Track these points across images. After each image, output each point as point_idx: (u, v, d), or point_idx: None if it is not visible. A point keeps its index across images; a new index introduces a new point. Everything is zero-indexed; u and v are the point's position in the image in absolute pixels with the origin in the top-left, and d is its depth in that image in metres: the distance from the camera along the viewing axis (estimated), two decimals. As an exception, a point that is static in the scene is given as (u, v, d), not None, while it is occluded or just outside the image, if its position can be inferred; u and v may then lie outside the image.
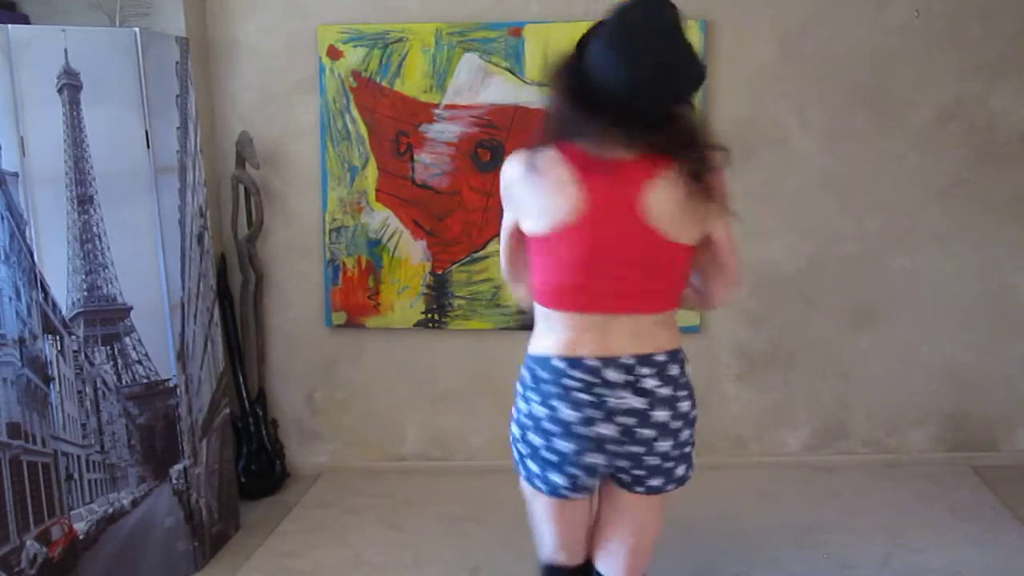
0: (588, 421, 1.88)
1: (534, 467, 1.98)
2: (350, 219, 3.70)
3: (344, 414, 3.90)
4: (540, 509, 2.06)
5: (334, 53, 3.59)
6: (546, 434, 1.92)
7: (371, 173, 3.66)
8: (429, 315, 3.75)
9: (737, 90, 3.56)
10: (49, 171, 2.66)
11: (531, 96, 3.52)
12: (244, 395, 3.71)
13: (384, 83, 3.59)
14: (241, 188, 3.64)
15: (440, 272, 3.72)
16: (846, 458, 3.81)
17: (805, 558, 3.04)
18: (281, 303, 3.82)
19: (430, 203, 3.65)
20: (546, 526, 2.07)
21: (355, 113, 3.62)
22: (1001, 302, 3.69)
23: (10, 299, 2.60)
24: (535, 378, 1.93)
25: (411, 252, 3.70)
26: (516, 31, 3.50)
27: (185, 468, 3.01)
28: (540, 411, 1.92)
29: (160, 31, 3.13)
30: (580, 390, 1.88)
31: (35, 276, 2.66)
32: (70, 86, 2.67)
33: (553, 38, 3.47)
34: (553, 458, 1.93)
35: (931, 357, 3.74)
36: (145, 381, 2.91)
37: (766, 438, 3.84)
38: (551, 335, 1.92)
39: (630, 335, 1.88)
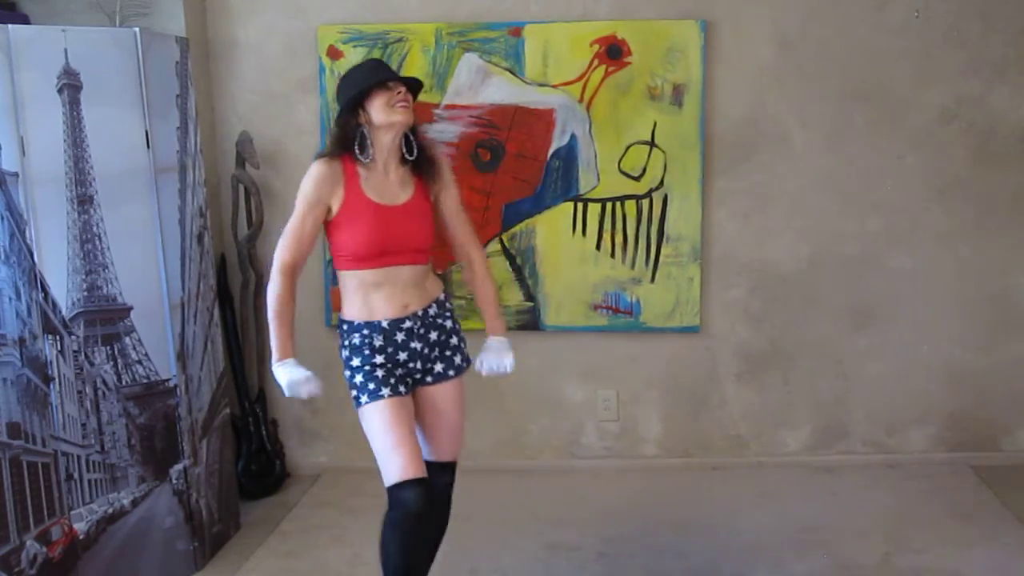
0: None
1: None
2: (350, 219, 3.69)
3: (344, 414, 3.87)
4: None
5: (334, 53, 3.59)
6: None
7: (371, 173, 3.65)
8: (429, 315, 3.73)
9: (737, 90, 3.56)
10: (49, 171, 2.66)
11: (531, 96, 3.52)
12: (244, 395, 3.71)
13: (384, 83, 3.59)
14: (241, 188, 3.64)
15: (440, 272, 3.70)
16: (846, 458, 3.81)
17: (805, 558, 3.04)
18: (281, 303, 3.81)
19: (430, 203, 3.64)
20: None
21: (355, 113, 3.62)
22: (1001, 302, 3.69)
23: (10, 299, 2.60)
24: None
25: (411, 252, 3.69)
26: (516, 31, 3.50)
27: (185, 468, 3.01)
28: None
29: (160, 31, 3.13)
30: None
31: (35, 276, 2.66)
32: (70, 86, 2.67)
33: (553, 38, 3.47)
34: None
35: (931, 357, 3.73)
36: (145, 381, 2.91)
37: (766, 438, 3.84)
38: None
39: None
